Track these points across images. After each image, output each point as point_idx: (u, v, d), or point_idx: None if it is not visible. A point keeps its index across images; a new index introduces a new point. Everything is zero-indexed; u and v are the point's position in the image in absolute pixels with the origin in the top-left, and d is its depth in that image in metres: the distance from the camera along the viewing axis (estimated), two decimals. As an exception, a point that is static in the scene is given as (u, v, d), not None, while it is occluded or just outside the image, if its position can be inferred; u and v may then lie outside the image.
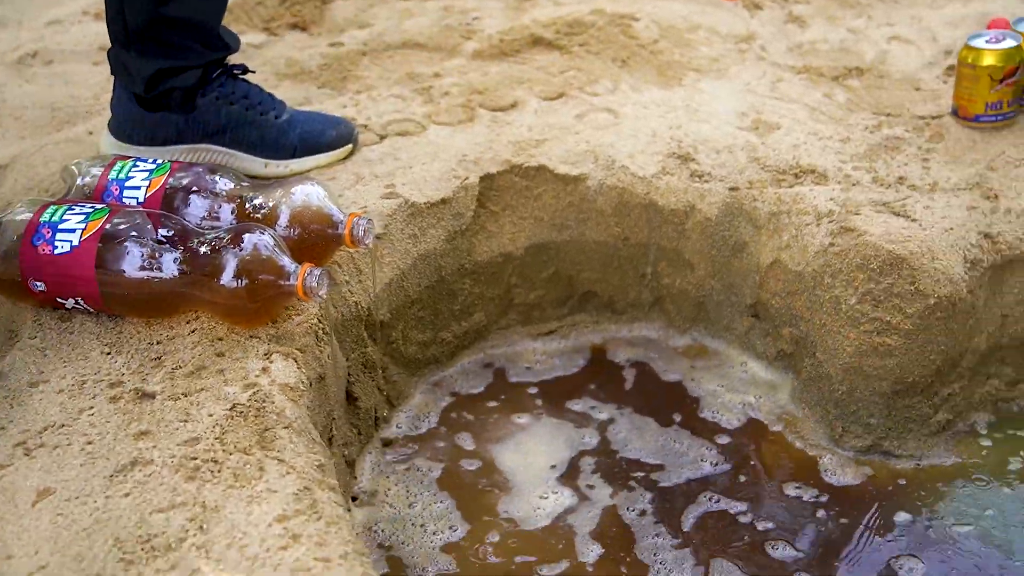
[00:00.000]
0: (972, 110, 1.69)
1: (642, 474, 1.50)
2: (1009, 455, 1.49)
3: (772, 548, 1.38)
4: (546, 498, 1.47)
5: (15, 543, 1.05)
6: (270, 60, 2.03)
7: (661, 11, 2.12)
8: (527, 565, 1.37)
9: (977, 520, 1.39)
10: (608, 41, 2.02)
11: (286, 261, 1.29)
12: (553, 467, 1.52)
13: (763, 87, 1.89)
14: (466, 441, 1.58)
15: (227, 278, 1.27)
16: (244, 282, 1.27)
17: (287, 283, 1.28)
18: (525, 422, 1.61)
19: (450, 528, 1.44)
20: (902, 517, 1.40)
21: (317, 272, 1.28)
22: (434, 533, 1.43)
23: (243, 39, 2.09)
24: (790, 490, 1.46)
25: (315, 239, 1.40)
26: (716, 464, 1.51)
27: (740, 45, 2.02)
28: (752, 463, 1.50)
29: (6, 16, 2.19)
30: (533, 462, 1.54)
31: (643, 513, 1.44)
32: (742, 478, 1.48)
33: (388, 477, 1.51)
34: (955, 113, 1.72)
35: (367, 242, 1.39)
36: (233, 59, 1.71)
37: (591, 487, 1.48)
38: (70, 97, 1.90)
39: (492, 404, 1.66)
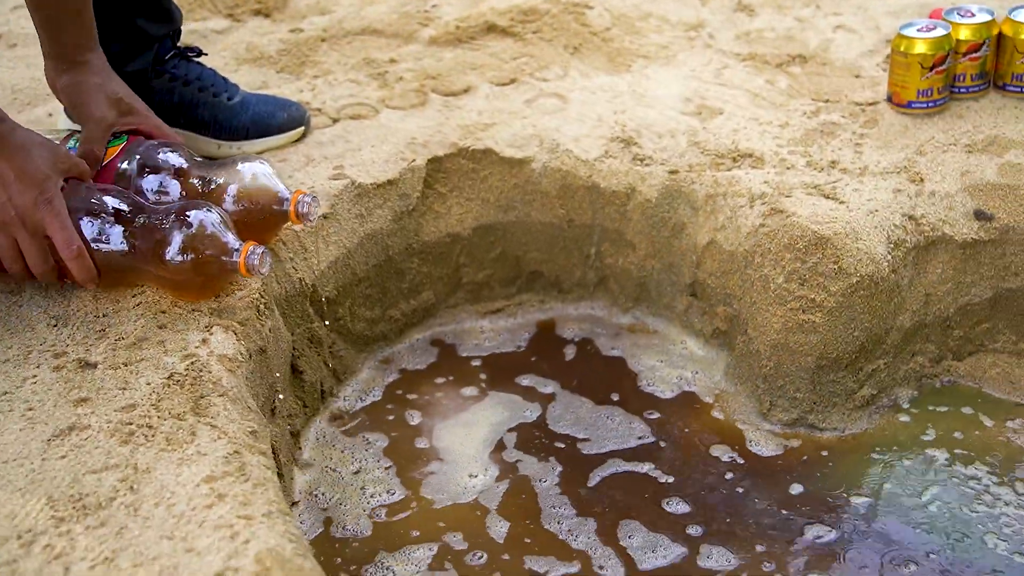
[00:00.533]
0: (905, 97, 1.74)
1: (564, 446, 1.55)
2: (925, 429, 1.54)
3: (669, 504, 1.43)
4: (475, 476, 1.51)
5: (-47, 502, 1.11)
6: (230, 46, 2.08)
7: (614, -1, 2.18)
8: (440, 532, 1.42)
9: (879, 488, 1.44)
10: (561, 28, 2.07)
11: (230, 238, 1.34)
12: (488, 441, 1.57)
13: (708, 74, 1.94)
14: (412, 416, 1.64)
15: (172, 253, 1.32)
16: (189, 257, 1.32)
17: (230, 260, 1.33)
18: (470, 395, 1.67)
19: (387, 492, 1.49)
20: (812, 485, 1.46)
21: (260, 251, 1.33)
22: (372, 496, 1.48)
23: (206, 24, 2.15)
24: (709, 459, 1.51)
25: (261, 215, 1.45)
26: (642, 437, 1.56)
27: (689, 33, 2.07)
28: (678, 435, 1.55)
29: (-28, 2, 2.24)
30: (475, 434, 1.59)
31: (556, 483, 1.49)
32: (665, 448, 1.53)
33: (333, 447, 1.56)
34: (890, 100, 1.77)
35: (312, 219, 1.44)
36: (192, 43, 1.76)
37: (519, 461, 1.53)
38: (31, 79, 1.95)
39: (439, 380, 1.71)
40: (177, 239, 1.32)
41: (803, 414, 1.55)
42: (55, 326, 1.36)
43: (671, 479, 1.48)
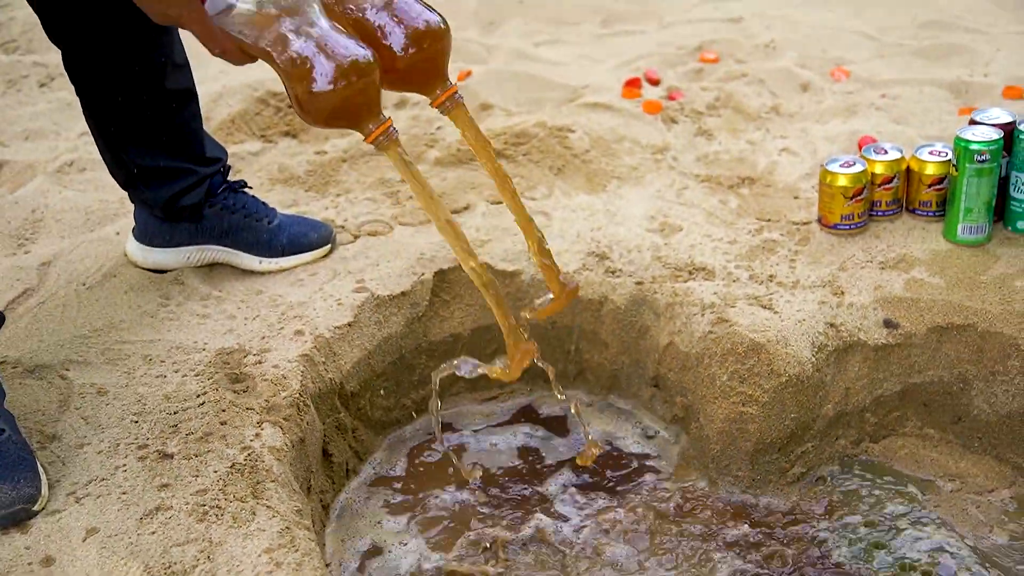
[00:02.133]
0: (831, 219, 2.09)
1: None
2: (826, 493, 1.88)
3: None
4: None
5: (71, 569, 1.43)
6: (265, 166, 2.43)
7: (593, 123, 2.53)
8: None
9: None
10: (547, 151, 2.43)
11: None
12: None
13: (671, 194, 2.29)
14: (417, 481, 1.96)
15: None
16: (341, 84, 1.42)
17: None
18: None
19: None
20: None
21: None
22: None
23: (242, 147, 2.50)
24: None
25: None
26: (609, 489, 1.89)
27: (656, 155, 2.43)
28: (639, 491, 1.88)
29: (45, 128, 2.60)
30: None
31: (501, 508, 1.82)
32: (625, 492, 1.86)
33: (356, 510, 1.89)
34: (819, 221, 2.12)
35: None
36: (231, 163, 2.11)
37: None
38: (100, 201, 2.30)
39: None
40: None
41: (745, 489, 1.88)
42: (136, 422, 1.70)
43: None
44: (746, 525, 1.81)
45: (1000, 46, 3.00)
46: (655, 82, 2.83)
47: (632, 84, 2.76)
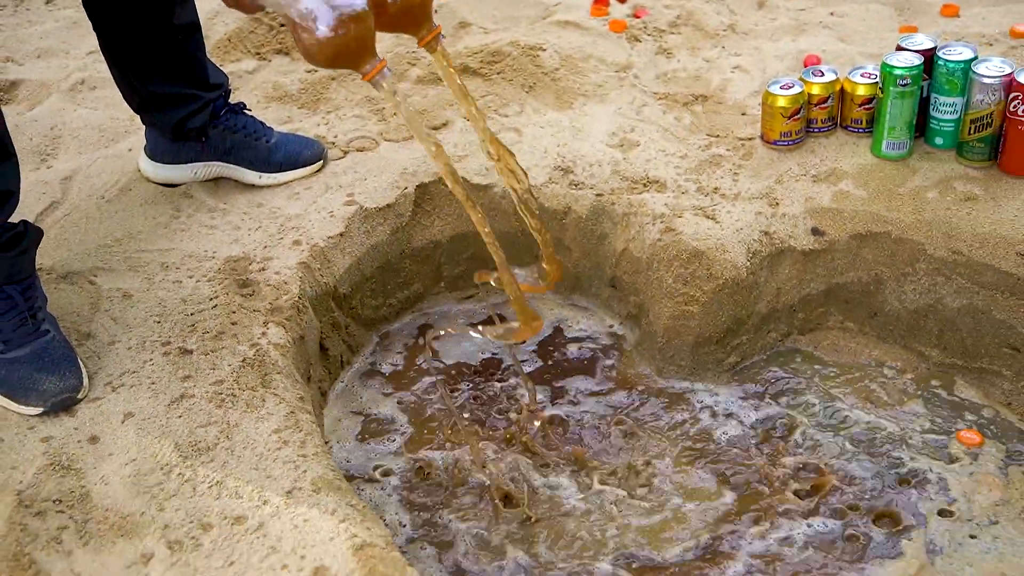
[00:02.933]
0: (771, 136, 2.33)
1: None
2: (759, 378, 2.17)
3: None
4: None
5: (114, 446, 1.72)
6: (260, 84, 2.65)
7: (563, 42, 2.74)
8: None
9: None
10: (519, 69, 2.64)
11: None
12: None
13: (631, 111, 2.52)
14: (407, 372, 2.25)
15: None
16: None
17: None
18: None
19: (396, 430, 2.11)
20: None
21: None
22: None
23: (239, 66, 2.71)
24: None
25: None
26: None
27: (619, 73, 2.64)
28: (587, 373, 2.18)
29: (54, 47, 2.80)
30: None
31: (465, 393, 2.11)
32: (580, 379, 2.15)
33: (350, 395, 2.18)
34: (762, 137, 2.36)
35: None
36: (233, 86, 2.33)
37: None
38: (112, 119, 2.53)
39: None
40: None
41: (686, 376, 2.17)
42: (158, 322, 1.97)
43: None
44: (685, 408, 2.10)
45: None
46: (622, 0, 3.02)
47: (600, 2, 2.95)
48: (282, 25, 2.84)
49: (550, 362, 2.24)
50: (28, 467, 1.67)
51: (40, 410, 1.76)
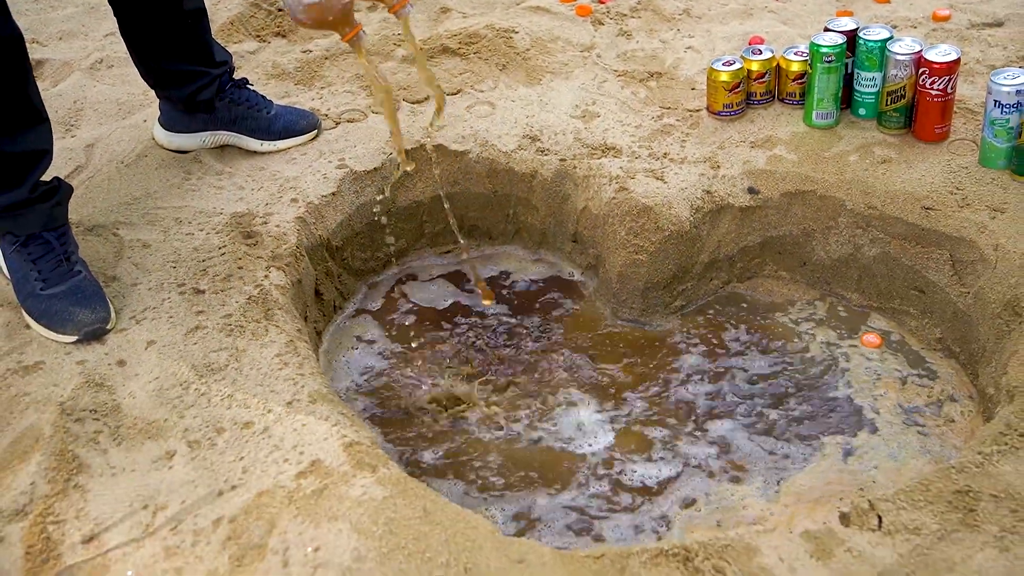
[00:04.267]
0: (715, 108, 2.62)
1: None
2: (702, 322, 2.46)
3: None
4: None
5: (139, 368, 2.01)
6: (260, 64, 2.94)
7: (534, 25, 3.03)
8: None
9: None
10: (494, 50, 2.93)
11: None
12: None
13: (593, 86, 2.81)
14: (390, 315, 2.54)
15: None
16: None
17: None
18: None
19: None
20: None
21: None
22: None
23: (241, 47, 3.00)
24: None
25: None
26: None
27: (583, 53, 2.93)
28: (564, 317, 2.47)
29: (75, 29, 3.09)
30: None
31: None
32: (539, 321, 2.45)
33: (341, 333, 2.47)
34: (707, 109, 2.65)
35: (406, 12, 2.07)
36: (237, 65, 2.61)
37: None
38: (128, 94, 2.82)
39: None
40: None
41: (636, 317, 2.47)
42: (174, 267, 2.26)
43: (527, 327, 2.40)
44: (638, 347, 2.40)
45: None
46: (591, -14, 3.31)
47: (570, -12, 3.25)
48: (279, 10, 3.13)
49: (517, 303, 2.54)
50: (67, 384, 1.96)
51: (75, 338, 2.05)
